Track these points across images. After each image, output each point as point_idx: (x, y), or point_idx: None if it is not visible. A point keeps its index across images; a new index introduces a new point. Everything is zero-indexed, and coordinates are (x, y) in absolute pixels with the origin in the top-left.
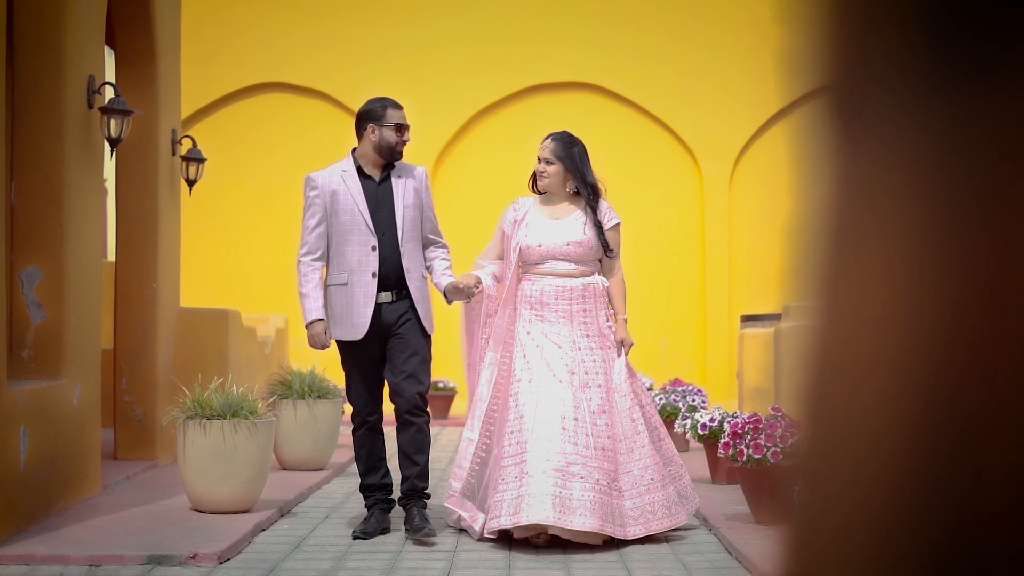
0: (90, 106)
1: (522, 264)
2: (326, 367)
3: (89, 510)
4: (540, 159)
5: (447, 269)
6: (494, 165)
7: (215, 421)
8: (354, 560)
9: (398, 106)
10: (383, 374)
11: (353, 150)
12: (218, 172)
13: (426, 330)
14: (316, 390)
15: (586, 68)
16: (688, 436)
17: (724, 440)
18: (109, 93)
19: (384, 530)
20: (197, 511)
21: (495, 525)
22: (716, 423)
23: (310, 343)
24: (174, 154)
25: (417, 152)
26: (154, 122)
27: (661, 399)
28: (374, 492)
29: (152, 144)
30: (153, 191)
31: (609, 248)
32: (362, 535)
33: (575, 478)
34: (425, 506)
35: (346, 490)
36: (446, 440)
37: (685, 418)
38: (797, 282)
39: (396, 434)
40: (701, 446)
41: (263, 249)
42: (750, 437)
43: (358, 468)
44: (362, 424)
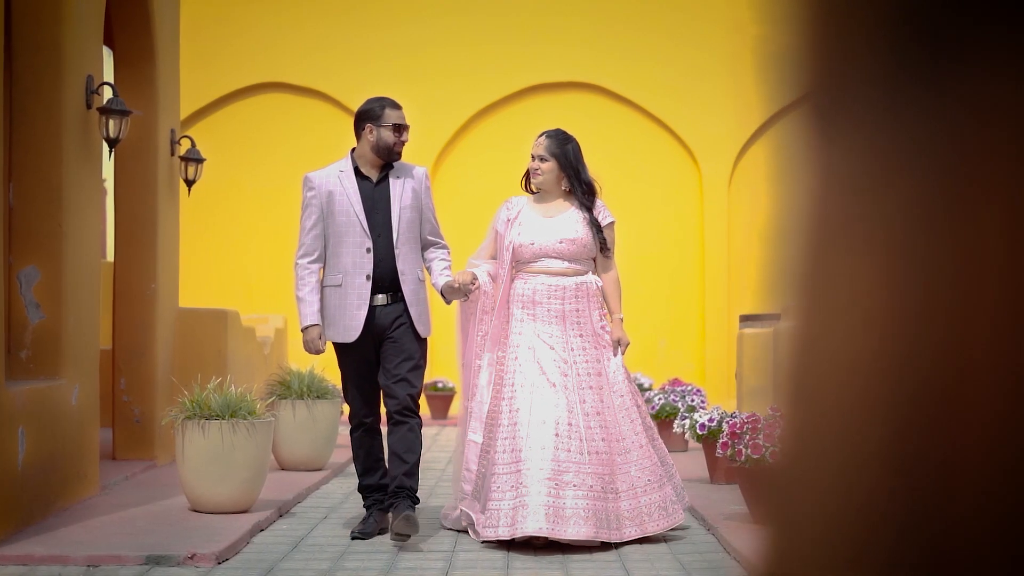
0: (88, 106)
1: (515, 263)
2: (325, 367)
3: (88, 510)
4: (534, 156)
5: (445, 269)
6: (493, 165)
7: (214, 421)
8: (352, 560)
9: (397, 106)
10: (378, 374)
11: (352, 150)
12: (217, 172)
13: (420, 334)
14: (315, 390)
15: (585, 68)
16: (687, 436)
17: (723, 440)
18: (108, 93)
19: (383, 530)
20: (196, 511)
21: (492, 534)
22: (715, 423)
23: (305, 348)
24: (173, 154)
25: (416, 152)
26: (153, 122)
27: (660, 399)
28: (372, 493)
29: (151, 144)
30: (152, 191)
31: (605, 247)
32: (360, 535)
33: (568, 486)
34: (412, 507)
35: (345, 490)
36: (446, 440)
37: (684, 418)
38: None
39: (387, 435)
40: (700, 446)
41: (262, 249)
42: (749, 437)
43: (356, 469)
44: (359, 426)
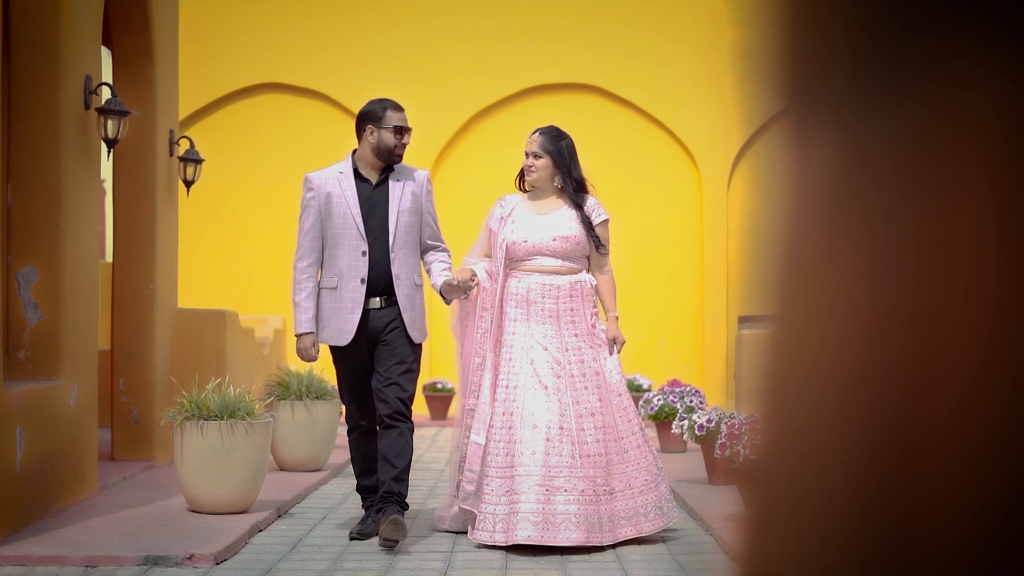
0: (87, 107)
1: (508, 261)
2: (323, 368)
3: (86, 511)
4: (528, 153)
5: (444, 270)
6: (492, 166)
7: (212, 422)
8: (351, 561)
9: (399, 108)
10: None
11: (353, 152)
12: (216, 173)
13: (413, 339)
14: (314, 391)
15: (585, 69)
16: (685, 437)
17: (721, 441)
18: (106, 94)
19: None
20: (194, 512)
21: (487, 538)
22: (713, 424)
23: (297, 355)
24: (172, 155)
25: (416, 153)
26: (152, 123)
27: (659, 400)
28: (371, 493)
29: (150, 145)
30: (151, 192)
31: (600, 244)
32: (359, 536)
33: (559, 491)
34: (400, 512)
35: (343, 491)
36: (445, 441)
37: (682, 419)
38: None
39: (378, 439)
40: (698, 447)
41: (261, 250)
42: (747, 438)
43: (354, 470)
44: (355, 428)
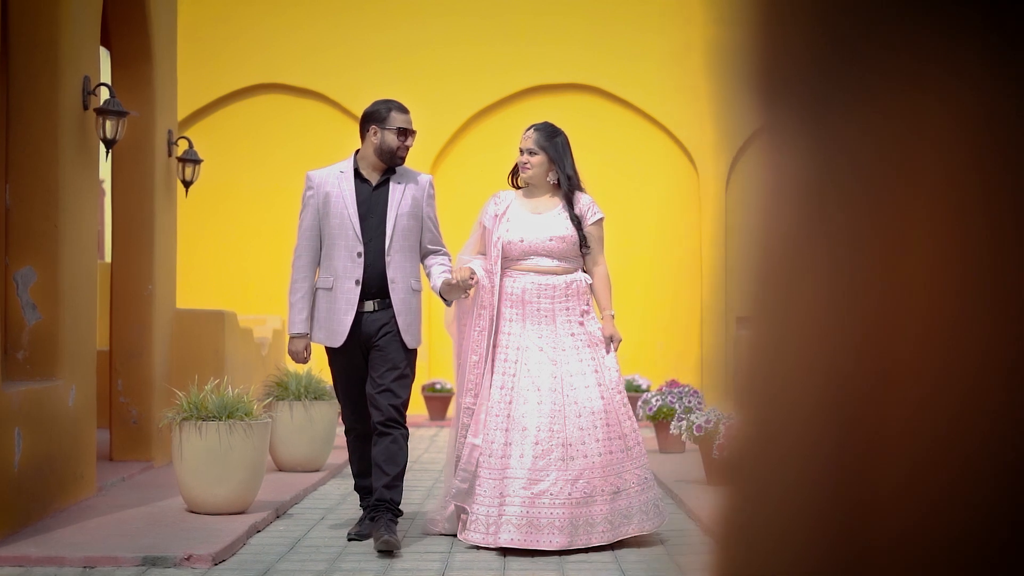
0: (85, 107)
1: (503, 260)
2: (322, 369)
3: (84, 512)
4: (523, 150)
5: (444, 272)
6: (491, 166)
7: (211, 422)
8: (349, 561)
9: (404, 110)
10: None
11: (356, 151)
12: (215, 173)
13: (406, 344)
14: (312, 391)
15: (584, 69)
16: (684, 437)
17: (719, 441)
18: (104, 94)
19: None
20: (192, 512)
21: (479, 540)
22: (712, 424)
23: (289, 355)
24: (170, 155)
25: (415, 154)
26: (150, 123)
27: (658, 400)
28: (369, 494)
29: (148, 145)
30: (149, 192)
31: (586, 244)
32: (357, 537)
33: (544, 495)
34: (394, 520)
35: (342, 491)
36: (443, 441)
37: (681, 419)
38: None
39: (372, 445)
40: (696, 447)
41: (260, 251)
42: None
43: (352, 470)
44: (351, 430)
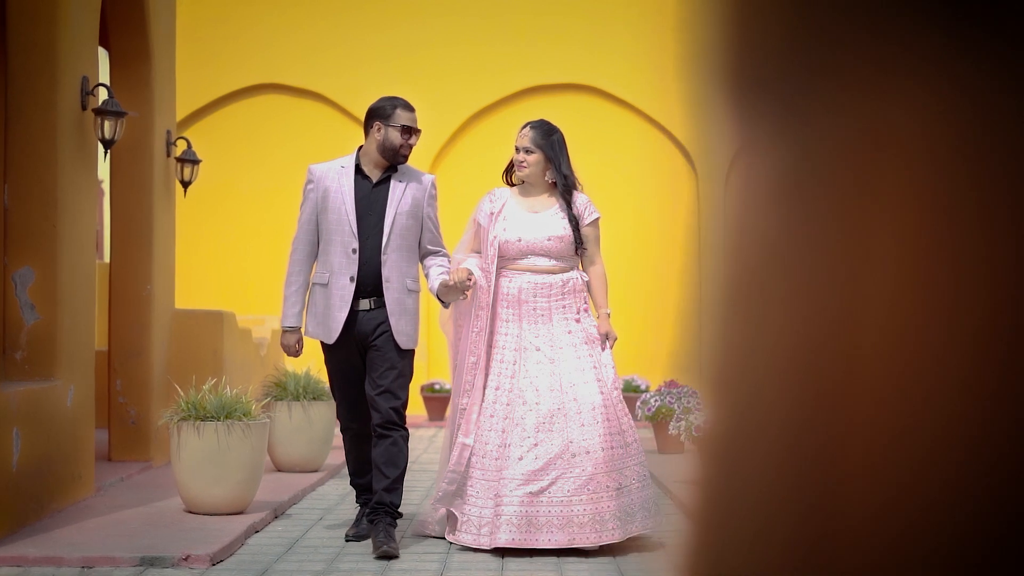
0: (84, 107)
1: (499, 259)
2: (320, 369)
3: (82, 512)
4: (519, 148)
5: (442, 273)
6: (491, 167)
7: (209, 423)
8: (347, 562)
9: (409, 108)
10: (363, 382)
11: (360, 148)
12: (214, 174)
13: (399, 344)
14: (311, 392)
15: (583, 70)
16: (683, 438)
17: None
18: (103, 94)
19: None
20: (191, 512)
21: (471, 541)
22: None
23: (281, 348)
24: (169, 156)
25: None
26: (149, 124)
27: (657, 400)
28: (364, 492)
29: (147, 146)
30: (148, 193)
31: (582, 244)
32: (355, 538)
33: (543, 494)
34: (393, 523)
35: (340, 492)
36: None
37: (680, 420)
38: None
39: (372, 447)
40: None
41: (259, 251)
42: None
43: (348, 467)
44: (347, 429)
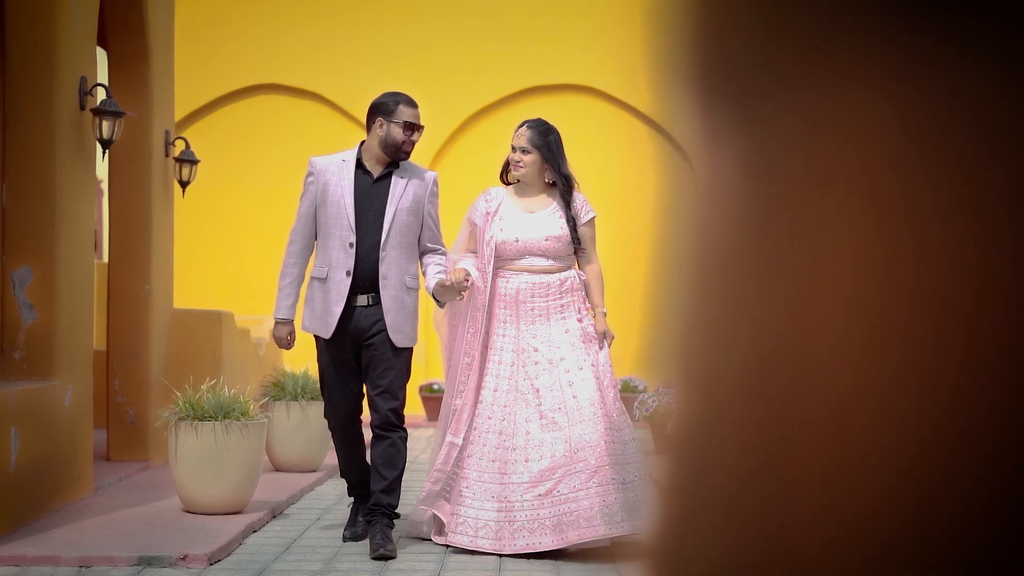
0: (82, 107)
1: (495, 259)
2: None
3: (81, 511)
4: (515, 148)
5: (439, 273)
6: (490, 167)
7: (207, 423)
8: (344, 562)
9: (412, 104)
10: (355, 379)
11: (362, 142)
12: (213, 174)
13: (395, 343)
14: (309, 391)
15: (582, 70)
16: None
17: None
18: (101, 95)
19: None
20: (189, 512)
21: (466, 542)
22: None
23: (273, 340)
24: (167, 156)
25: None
26: (147, 124)
27: (655, 401)
28: (355, 487)
29: (145, 146)
30: (146, 193)
31: (579, 244)
32: (352, 538)
33: (551, 495)
34: (391, 524)
35: (338, 492)
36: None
37: None
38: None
39: (370, 447)
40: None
41: (258, 251)
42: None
43: (338, 461)
44: (334, 428)
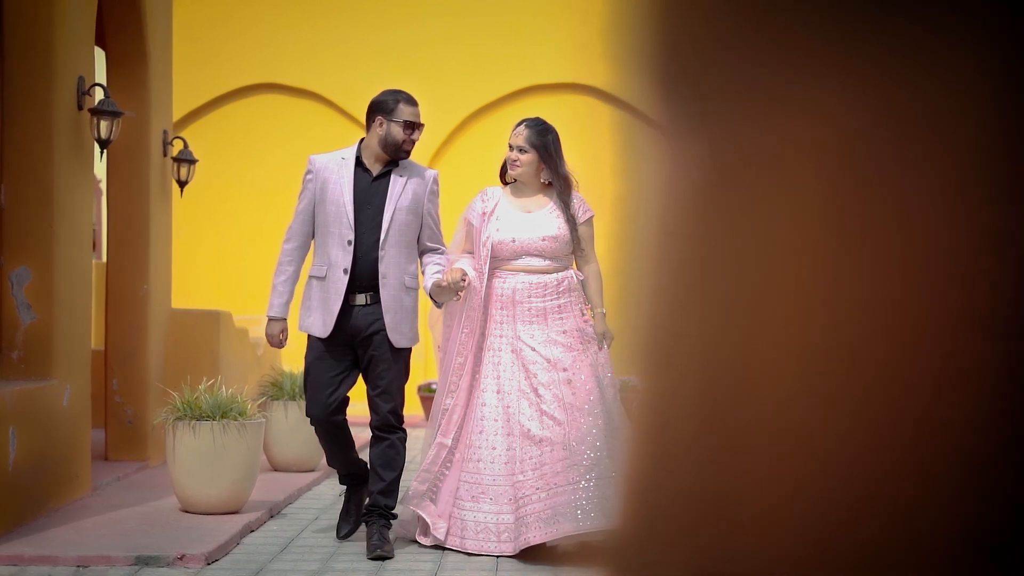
0: (80, 107)
1: (492, 259)
2: None
3: (79, 511)
4: (513, 147)
5: (436, 272)
6: (489, 167)
7: (204, 422)
8: (342, 562)
9: (412, 102)
10: (344, 380)
11: (361, 140)
12: (211, 174)
13: (393, 343)
14: None
15: (581, 70)
16: None
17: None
18: (99, 94)
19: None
20: (186, 512)
21: (460, 544)
22: None
23: (265, 337)
24: (165, 155)
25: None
26: (145, 123)
27: None
28: (344, 479)
29: (143, 146)
30: (144, 192)
31: (580, 246)
32: (348, 536)
33: (553, 488)
34: (388, 525)
35: (336, 492)
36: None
37: None
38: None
39: (369, 447)
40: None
41: (256, 251)
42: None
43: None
44: (317, 426)
